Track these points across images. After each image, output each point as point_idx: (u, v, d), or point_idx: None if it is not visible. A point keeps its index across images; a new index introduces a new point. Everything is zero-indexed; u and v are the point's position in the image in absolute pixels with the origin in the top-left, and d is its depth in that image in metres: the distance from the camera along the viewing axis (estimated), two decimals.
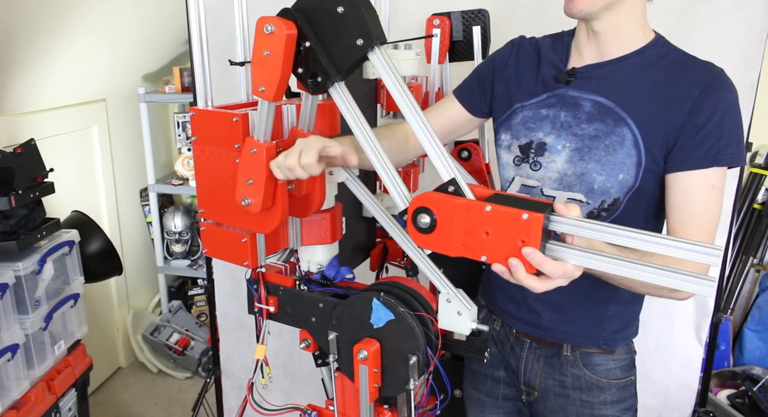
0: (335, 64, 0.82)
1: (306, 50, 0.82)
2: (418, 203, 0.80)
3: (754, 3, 1.61)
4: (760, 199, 2.74)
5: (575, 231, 0.74)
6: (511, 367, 1.23)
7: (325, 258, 1.07)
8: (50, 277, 1.79)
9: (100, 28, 2.48)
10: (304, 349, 1.06)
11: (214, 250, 1.01)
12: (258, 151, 0.87)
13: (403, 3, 1.82)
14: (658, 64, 1.03)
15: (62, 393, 1.85)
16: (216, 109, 0.95)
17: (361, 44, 0.80)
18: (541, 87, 1.11)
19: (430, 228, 0.79)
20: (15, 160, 1.71)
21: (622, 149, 1.03)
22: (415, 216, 0.81)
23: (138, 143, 3.08)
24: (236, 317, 2.27)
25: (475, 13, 1.51)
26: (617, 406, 1.17)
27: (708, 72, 1.00)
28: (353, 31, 0.79)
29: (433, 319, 0.94)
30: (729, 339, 2.69)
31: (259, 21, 0.81)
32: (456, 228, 0.78)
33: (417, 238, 0.82)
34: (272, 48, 0.81)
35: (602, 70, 1.05)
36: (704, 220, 1.00)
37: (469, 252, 0.78)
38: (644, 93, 1.02)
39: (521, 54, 1.16)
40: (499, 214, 0.74)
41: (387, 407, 1.04)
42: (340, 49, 0.81)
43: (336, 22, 0.80)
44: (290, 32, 0.80)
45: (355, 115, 0.86)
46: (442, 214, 0.78)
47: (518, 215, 0.73)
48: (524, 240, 0.73)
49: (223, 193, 0.94)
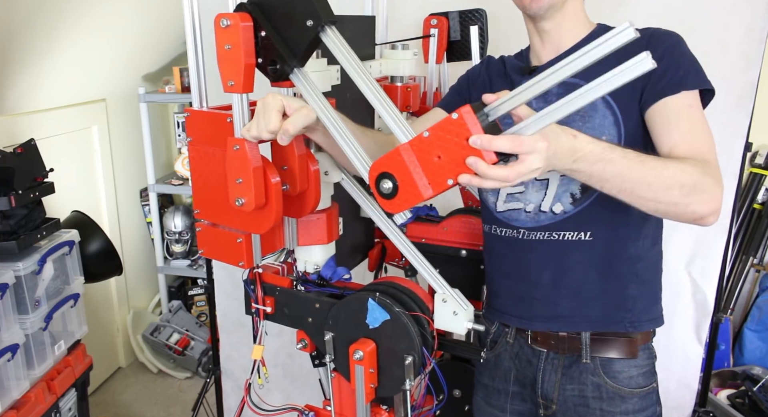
0: (291, 48, 0.85)
1: (263, 40, 0.85)
2: (374, 172, 0.81)
3: (754, 3, 1.60)
4: (760, 199, 2.73)
5: (511, 104, 0.74)
6: (527, 380, 1.20)
7: (321, 258, 1.07)
8: (50, 277, 1.79)
9: (100, 28, 2.48)
10: (301, 349, 1.06)
11: (210, 250, 1.01)
12: (240, 148, 0.87)
13: (401, 3, 1.82)
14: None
15: (62, 393, 1.85)
16: (211, 109, 0.95)
17: (311, 25, 0.82)
18: (510, 87, 1.11)
19: (395, 189, 0.80)
20: (15, 160, 1.71)
21: (597, 113, 1.04)
22: (378, 185, 0.81)
23: (138, 143, 3.08)
24: (236, 317, 2.27)
25: (472, 13, 1.51)
26: (639, 415, 1.13)
27: (647, 29, 1.05)
28: (303, 14, 0.82)
29: (429, 319, 0.94)
30: (729, 339, 2.69)
31: (216, 17, 0.84)
32: (414, 173, 0.78)
33: (388, 205, 0.82)
34: (232, 41, 0.84)
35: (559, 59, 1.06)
36: (695, 136, 0.97)
37: (436, 185, 0.78)
38: (601, 63, 1.02)
39: (491, 67, 1.23)
40: (434, 130, 0.75)
41: (384, 407, 1.04)
42: (293, 33, 0.84)
43: (287, 8, 0.83)
44: (245, 24, 0.84)
45: (317, 99, 0.87)
46: (396, 167, 0.79)
47: (449, 118, 0.74)
48: (467, 136, 0.73)
49: (218, 193, 0.94)
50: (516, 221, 1.15)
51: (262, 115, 0.85)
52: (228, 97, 0.89)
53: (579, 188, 1.08)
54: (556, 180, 1.09)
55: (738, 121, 1.69)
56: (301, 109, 0.85)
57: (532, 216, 1.12)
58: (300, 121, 0.84)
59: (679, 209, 0.91)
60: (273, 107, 0.84)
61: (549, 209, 1.10)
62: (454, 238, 1.40)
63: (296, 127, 0.84)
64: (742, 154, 1.72)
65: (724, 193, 0.93)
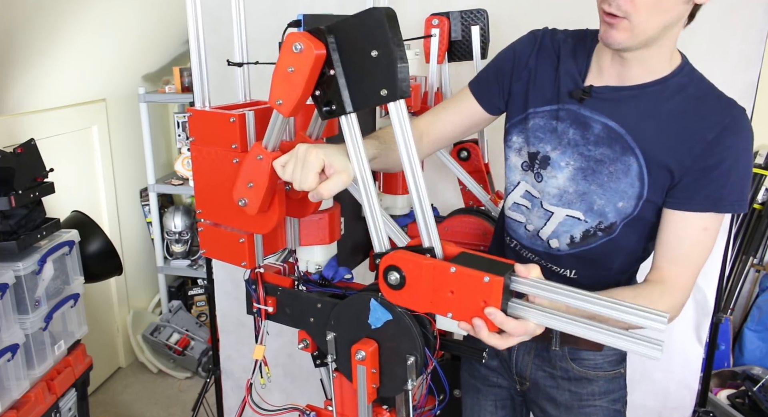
0: (353, 101, 0.81)
1: (328, 77, 0.80)
2: (388, 261, 0.84)
3: (754, 3, 1.60)
4: (760, 199, 2.73)
5: (535, 292, 0.77)
6: (504, 358, 1.26)
7: (323, 258, 1.07)
8: (50, 277, 1.79)
9: (100, 28, 2.48)
10: (302, 349, 1.06)
11: (212, 250, 1.01)
12: (264, 159, 0.87)
13: (402, 3, 1.82)
14: (678, 96, 0.99)
15: (62, 393, 1.85)
16: (213, 109, 0.95)
17: (385, 95, 0.78)
18: (555, 97, 1.08)
19: (400, 285, 0.83)
20: (15, 160, 1.71)
21: (626, 179, 1.01)
22: (386, 273, 0.84)
23: (138, 143, 3.08)
24: (236, 317, 2.27)
25: (473, 13, 1.51)
26: (605, 397, 1.20)
27: (727, 114, 0.97)
28: (381, 79, 0.77)
29: (431, 320, 0.94)
30: (729, 339, 2.69)
31: (289, 37, 0.78)
32: (423, 286, 0.82)
33: (387, 294, 0.86)
34: (298, 66, 0.79)
35: (619, 95, 1.02)
36: (689, 260, 1.00)
37: (436, 309, 0.82)
38: (657, 125, 0.99)
39: (542, 53, 1.11)
40: (462, 275, 0.78)
41: (386, 408, 1.04)
42: (363, 90, 0.80)
43: (366, 63, 0.77)
44: (319, 53, 0.78)
45: (358, 149, 0.84)
46: (411, 273, 0.82)
47: (480, 278, 0.77)
48: (486, 301, 0.77)
49: (221, 193, 0.94)
50: (514, 232, 1.17)
51: (300, 170, 0.82)
52: (231, 97, 0.89)
53: (581, 234, 1.08)
54: (560, 217, 1.08)
55: None
56: (340, 174, 0.82)
57: (530, 235, 1.14)
58: (336, 188, 0.83)
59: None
60: (313, 167, 0.81)
61: (546, 240, 1.12)
62: (455, 238, 1.41)
63: (331, 194, 0.83)
64: None
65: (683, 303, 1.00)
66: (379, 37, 0.75)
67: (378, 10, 0.75)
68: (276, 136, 0.88)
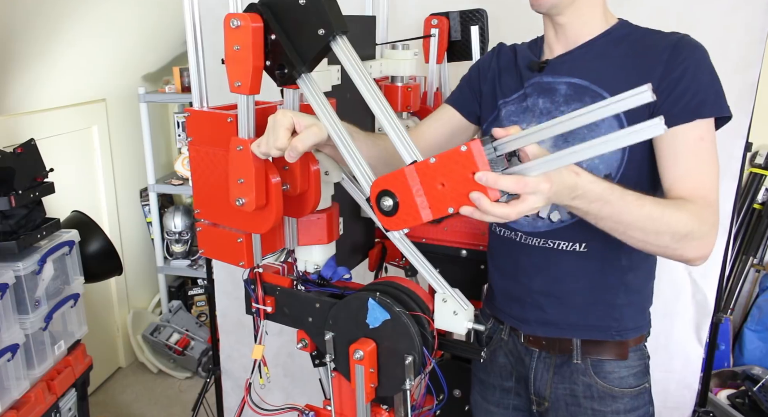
0: (300, 54, 0.84)
1: (273, 43, 0.85)
2: (375, 188, 0.82)
3: (754, 3, 1.60)
4: (760, 199, 2.73)
5: (520, 143, 0.74)
6: (521, 377, 1.21)
7: (321, 258, 1.07)
8: (50, 277, 1.79)
9: (100, 28, 2.48)
10: (301, 349, 1.06)
11: (210, 250, 1.01)
12: (244, 148, 0.87)
13: (402, 3, 1.82)
14: (625, 41, 1.06)
15: (62, 393, 1.85)
16: (211, 109, 0.95)
17: (323, 34, 0.82)
18: (519, 82, 1.14)
19: (395, 207, 0.81)
20: (15, 160, 1.71)
21: (603, 123, 1.02)
22: (379, 202, 0.83)
23: (138, 143, 3.08)
24: (236, 317, 2.27)
25: (473, 13, 1.51)
26: (631, 414, 1.13)
27: (673, 36, 1.03)
28: (315, 22, 0.82)
29: (430, 319, 0.94)
30: (729, 339, 2.69)
31: (227, 17, 0.83)
32: (415, 194, 0.79)
33: (386, 222, 0.83)
34: (241, 42, 0.83)
35: (572, 55, 1.09)
36: (699, 172, 0.97)
37: (436, 211, 0.79)
38: (615, 67, 1.04)
39: (501, 57, 1.21)
40: (441, 158, 0.76)
41: (384, 407, 1.04)
42: (304, 40, 0.84)
43: (299, 14, 0.82)
44: (256, 25, 0.83)
45: (323, 106, 0.87)
46: (399, 188, 0.80)
47: (457, 150, 0.74)
48: (473, 170, 0.74)
49: (219, 193, 0.94)
50: (514, 223, 1.15)
51: (272, 132, 0.84)
52: (231, 97, 0.89)
53: None
54: None
55: (738, 121, 1.68)
56: (311, 127, 0.84)
57: (530, 221, 1.12)
58: (309, 139, 0.84)
59: (668, 252, 0.94)
60: (282, 125, 0.84)
61: (547, 216, 1.10)
62: (455, 238, 1.40)
63: (305, 145, 0.84)
64: (742, 154, 1.72)
65: (718, 234, 0.95)
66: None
67: None
68: (249, 121, 0.89)
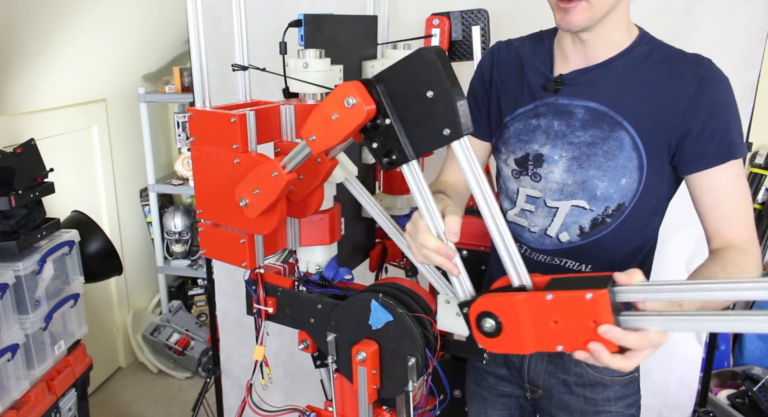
0: (414, 146, 0.77)
1: (384, 127, 0.77)
2: (478, 309, 0.78)
3: (754, 3, 1.60)
4: (760, 199, 2.73)
5: (644, 297, 0.71)
6: (514, 365, 1.23)
7: (323, 259, 1.07)
8: (50, 277, 1.79)
9: (100, 28, 2.48)
10: (303, 350, 1.06)
11: (212, 250, 1.01)
12: (278, 178, 0.87)
13: (403, 3, 1.82)
14: (646, 63, 1.02)
15: (62, 393, 1.85)
16: (214, 109, 0.95)
17: (448, 134, 0.74)
18: (528, 96, 1.09)
19: (497, 331, 0.77)
20: (15, 160, 1.71)
21: (622, 153, 1.01)
22: (479, 322, 0.78)
23: (138, 143, 3.08)
24: (236, 317, 2.27)
25: (474, 13, 1.51)
26: (621, 402, 1.17)
27: (699, 66, 0.99)
28: (441, 119, 0.74)
29: (432, 321, 0.94)
30: (729, 339, 2.69)
31: (341, 89, 0.76)
32: (523, 324, 0.75)
33: (486, 344, 0.79)
34: (344, 118, 0.76)
35: (590, 75, 1.03)
36: (739, 212, 0.99)
37: (543, 345, 0.75)
38: (636, 93, 1.01)
39: (501, 65, 1.14)
40: (562, 300, 0.72)
41: (386, 408, 1.03)
42: (423, 134, 0.76)
43: (423, 106, 0.75)
44: (369, 108, 0.75)
45: (424, 194, 0.81)
46: (505, 314, 0.76)
47: (581, 297, 0.70)
48: (596, 320, 0.70)
49: (222, 193, 0.94)
50: (520, 237, 1.15)
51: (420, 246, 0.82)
52: (231, 97, 0.89)
53: (589, 223, 1.07)
54: (565, 210, 1.08)
55: None
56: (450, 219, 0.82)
57: (537, 237, 1.12)
58: (456, 224, 0.81)
59: None
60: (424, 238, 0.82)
61: (555, 235, 1.10)
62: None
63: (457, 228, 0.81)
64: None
65: (760, 257, 1.00)
66: (433, 77, 0.73)
67: (427, 50, 0.73)
68: (296, 163, 0.87)
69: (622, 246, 1.08)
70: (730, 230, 0.99)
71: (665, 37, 1.06)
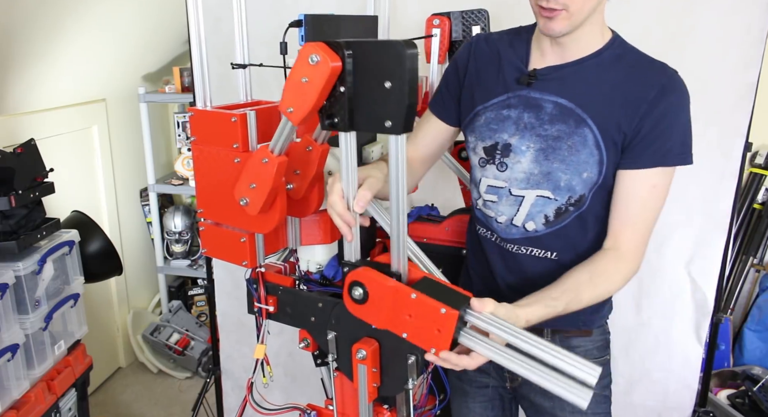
0: (357, 122, 0.81)
1: (339, 93, 0.80)
2: (355, 276, 0.88)
3: (754, 3, 1.60)
4: (760, 199, 2.73)
5: (485, 327, 0.83)
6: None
7: (324, 258, 1.07)
8: (50, 277, 1.79)
9: (100, 28, 2.48)
10: (303, 348, 1.06)
11: (213, 249, 1.01)
12: (269, 163, 0.87)
13: (403, 3, 1.82)
14: (616, 66, 1.07)
15: (62, 393, 1.85)
16: (215, 109, 0.95)
17: (389, 127, 0.78)
18: (502, 87, 1.13)
19: (363, 300, 0.88)
20: (15, 160, 1.71)
21: (585, 149, 1.06)
22: (350, 287, 0.89)
23: (138, 143, 3.08)
24: (236, 317, 2.27)
25: (474, 13, 1.51)
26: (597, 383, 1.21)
27: (663, 74, 1.05)
28: (388, 111, 0.78)
29: None
30: (729, 339, 2.69)
31: (305, 47, 0.78)
32: (384, 305, 0.87)
33: (350, 306, 0.90)
34: (312, 77, 0.78)
35: (562, 72, 1.08)
36: (639, 221, 1.06)
37: (394, 327, 0.87)
38: (603, 95, 1.06)
39: (479, 55, 1.18)
40: (421, 303, 0.84)
41: (386, 407, 1.04)
42: (368, 116, 0.80)
43: (378, 92, 0.77)
44: (334, 66, 0.77)
45: (350, 164, 0.87)
46: (374, 291, 0.87)
47: (437, 309, 0.82)
48: (440, 330, 0.83)
49: (222, 193, 0.94)
50: (489, 226, 1.21)
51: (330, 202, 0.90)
52: (232, 97, 0.90)
53: (553, 212, 1.12)
54: (531, 199, 1.12)
55: (738, 121, 1.69)
56: (361, 191, 0.89)
57: (503, 227, 1.17)
58: (364, 198, 0.89)
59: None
60: (333, 199, 0.89)
61: (521, 225, 1.14)
62: (456, 238, 1.41)
63: (364, 202, 0.89)
64: (742, 154, 1.72)
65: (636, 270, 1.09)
66: (397, 71, 0.76)
67: (400, 44, 0.75)
68: (283, 142, 0.88)
69: (584, 234, 1.13)
70: (624, 234, 1.07)
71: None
